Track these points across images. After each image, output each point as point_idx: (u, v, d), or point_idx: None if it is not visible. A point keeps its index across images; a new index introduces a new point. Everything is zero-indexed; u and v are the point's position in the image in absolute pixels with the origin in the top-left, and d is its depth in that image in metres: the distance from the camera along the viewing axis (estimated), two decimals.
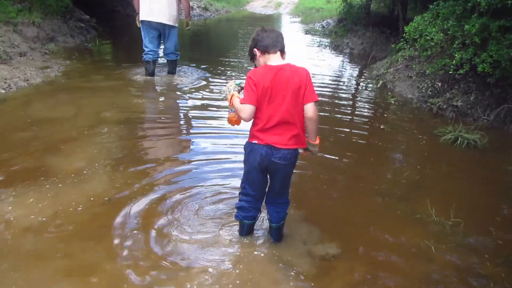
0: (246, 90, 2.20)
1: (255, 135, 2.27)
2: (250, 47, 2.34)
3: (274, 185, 2.42)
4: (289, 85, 2.20)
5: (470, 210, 3.22)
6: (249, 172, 2.37)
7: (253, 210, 2.51)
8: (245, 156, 2.37)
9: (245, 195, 2.47)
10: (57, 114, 4.38)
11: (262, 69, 2.23)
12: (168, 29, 5.85)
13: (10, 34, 6.21)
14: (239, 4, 21.88)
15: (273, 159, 2.26)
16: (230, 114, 2.38)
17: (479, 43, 4.91)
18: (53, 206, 2.76)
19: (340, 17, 13.09)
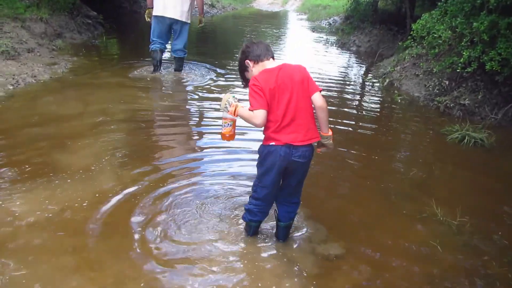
0: (253, 97, 2.18)
1: (271, 137, 2.24)
2: (241, 60, 2.36)
3: (289, 184, 2.40)
4: (294, 81, 2.21)
5: (476, 210, 3.20)
6: (264, 174, 2.33)
7: (261, 215, 2.51)
8: (260, 159, 2.34)
9: (256, 199, 2.45)
10: (64, 110, 4.40)
11: (262, 74, 2.23)
12: (181, 25, 5.88)
13: (18, 30, 6.25)
14: (246, 1, 21.87)
15: (293, 158, 2.25)
16: (226, 129, 2.34)
17: (487, 40, 4.87)
18: (61, 202, 2.78)
19: (347, 14, 13.05)
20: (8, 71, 5.06)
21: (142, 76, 6.03)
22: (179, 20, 5.80)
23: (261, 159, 2.33)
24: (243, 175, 3.39)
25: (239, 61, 2.39)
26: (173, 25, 5.88)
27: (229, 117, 2.30)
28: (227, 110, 2.28)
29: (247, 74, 2.38)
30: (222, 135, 2.38)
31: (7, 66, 5.18)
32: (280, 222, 2.55)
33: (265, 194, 2.40)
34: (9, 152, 3.38)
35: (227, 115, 2.29)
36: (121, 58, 7.06)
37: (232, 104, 2.26)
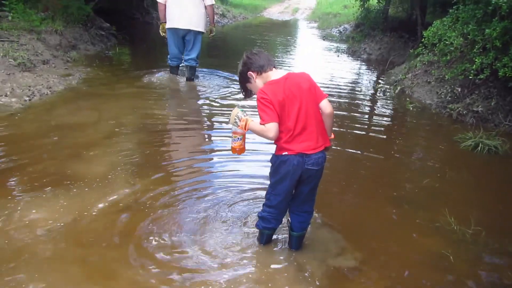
0: (264, 110, 2.16)
1: (284, 147, 2.25)
2: (242, 72, 2.34)
3: (302, 191, 2.39)
4: (302, 89, 2.22)
5: (491, 219, 3.16)
6: (278, 183, 2.34)
7: (275, 222, 2.51)
8: (273, 168, 2.35)
9: (269, 206, 2.46)
10: (79, 120, 4.48)
11: (269, 85, 2.22)
12: (194, 35, 6.02)
13: (34, 42, 6.39)
14: (256, 10, 22.03)
15: (306, 166, 2.25)
16: (237, 143, 2.34)
17: (500, 47, 4.83)
18: (74, 211, 2.82)
19: (358, 22, 13.06)
20: (24, 83, 5.16)
21: (155, 86, 6.13)
22: (192, 30, 5.93)
23: (274, 169, 2.34)
24: (257, 183, 3.40)
25: (240, 73, 2.37)
26: (186, 35, 6.02)
27: (239, 131, 2.30)
28: (236, 125, 2.26)
29: (250, 85, 2.37)
30: (232, 149, 2.38)
31: (23, 78, 5.29)
32: (292, 232, 2.55)
33: (278, 202, 2.40)
34: (25, 162, 3.44)
35: (237, 129, 2.29)
36: (133, 68, 7.16)
37: (242, 118, 2.24)
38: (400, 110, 5.97)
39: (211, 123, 4.98)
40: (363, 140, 4.69)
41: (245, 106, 4.90)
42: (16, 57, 5.55)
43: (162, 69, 6.96)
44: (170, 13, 5.88)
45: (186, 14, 5.83)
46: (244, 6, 21.25)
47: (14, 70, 5.35)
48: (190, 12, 5.84)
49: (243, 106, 2.40)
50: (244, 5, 21.55)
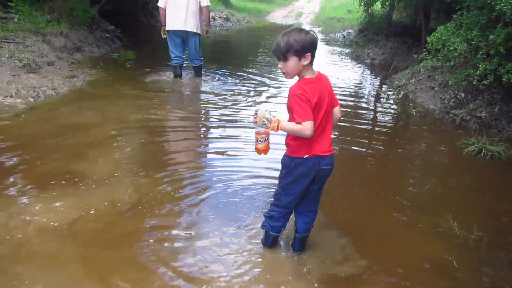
0: (301, 107, 2.10)
1: (301, 149, 2.25)
2: (303, 46, 2.10)
3: (312, 190, 2.40)
4: (327, 93, 2.23)
5: (494, 224, 3.16)
6: (291, 184, 2.34)
7: (283, 220, 2.51)
8: (287, 170, 2.33)
9: (279, 206, 2.46)
10: (83, 121, 4.51)
11: (306, 83, 2.16)
12: (191, 36, 6.30)
13: (39, 44, 6.43)
14: (260, 14, 22.09)
15: (321, 167, 2.28)
16: (263, 144, 2.29)
17: (504, 53, 4.83)
18: (77, 211, 2.84)
19: (361, 27, 13.06)
20: (29, 84, 5.20)
21: (159, 87, 6.22)
22: (189, 31, 6.21)
23: (288, 170, 2.32)
24: (262, 184, 3.42)
25: (298, 42, 2.09)
26: (184, 37, 6.32)
27: (263, 132, 2.27)
28: (266, 126, 2.19)
29: (289, 62, 2.13)
30: (257, 150, 2.34)
31: (29, 79, 5.33)
32: (297, 234, 2.55)
33: (289, 202, 2.41)
34: (30, 162, 3.47)
35: (261, 130, 2.25)
36: (138, 70, 7.21)
37: (272, 120, 2.16)
38: (403, 115, 5.97)
39: (215, 123, 5.03)
40: (366, 144, 4.69)
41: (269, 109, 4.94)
42: (21, 59, 5.60)
43: (166, 70, 7.09)
44: (168, 16, 6.17)
45: (182, 16, 6.10)
46: (248, 10, 21.31)
47: (20, 72, 5.39)
48: (185, 14, 6.10)
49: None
50: (248, 9, 21.61)
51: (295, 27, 2.21)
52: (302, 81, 2.18)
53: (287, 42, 2.10)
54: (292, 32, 2.14)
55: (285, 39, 2.11)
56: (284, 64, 2.16)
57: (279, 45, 2.13)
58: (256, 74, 7.68)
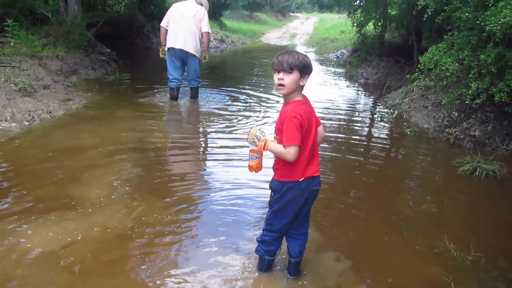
0: (292, 131, 2.11)
1: (294, 174, 2.25)
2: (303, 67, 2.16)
3: (302, 212, 2.39)
4: (313, 116, 2.26)
5: (491, 244, 3.14)
6: (282, 208, 2.33)
7: (276, 244, 2.49)
8: (278, 195, 2.31)
9: (271, 231, 2.44)
10: (78, 144, 4.50)
11: (301, 106, 2.19)
12: (190, 57, 6.41)
13: (35, 67, 6.46)
14: (255, 35, 22.39)
15: (312, 188, 2.30)
16: (255, 162, 2.31)
17: (495, 72, 4.90)
18: (67, 237, 2.80)
19: (354, 47, 13.25)
20: (24, 108, 5.21)
21: (155, 109, 6.24)
22: (189, 52, 6.31)
23: (279, 195, 2.31)
24: (254, 206, 3.40)
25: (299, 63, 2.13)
26: (183, 57, 6.40)
27: (256, 150, 2.29)
28: (255, 144, 2.25)
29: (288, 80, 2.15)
30: (249, 167, 2.36)
31: (24, 103, 5.33)
32: (291, 258, 2.53)
33: (282, 226, 2.40)
34: (23, 187, 3.44)
35: (255, 148, 2.28)
36: (133, 92, 7.26)
37: (261, 138, 2.22)
38: (397, 134, 6.00)
39: (210, 145, 5.05)
40: (360, 164, 4.70)
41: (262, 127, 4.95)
42: (17, 82, 5.61)
43: (162, 91, 7.17)
44: (169, 35, 6.31)
45: (182, 36, 6.23)
46: (243, 32, 21.63)
47: (15, 95, 5.40)
48: (186, 35, 6.24)
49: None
50: (243, 31, 21.94)
51: (289, 51, 2.24)
52: (294, 103, 2.20)
53: (297, 57, 2.15)
54: (298, 52, 2.23)
55: (294, 54, 2.17)
56: (287, 76, 2.15)
57: (287, 58, 2.15)
58: (251, 93, 7.73)
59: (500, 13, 4.61)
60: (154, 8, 14.73)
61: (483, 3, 5.12)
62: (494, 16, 4.66)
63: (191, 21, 6.26)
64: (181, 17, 6.26)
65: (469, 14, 5.20)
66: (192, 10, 6.32)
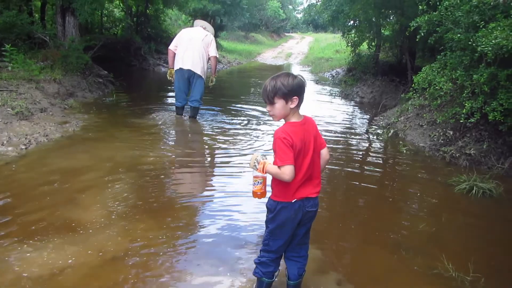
0: (283, 151, 2.13)
1: (287, 194, 2.25)
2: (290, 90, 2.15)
3: (298, 234, 2.39)
4: (312, 137, 2.26)
5: (490, 264, 3.13)
6: (277, 228, 2.33)
7: (274, 265, 2.47)
8: (272, 214, 2.32)
9: (268, 252, 2.43)
10: (75, 167, 4.50)
11: (291, 127, 2.20)
12: (197, 78, 6.67)
13: (32, 91, 6.50)
14: (250, 55, 22.63)
15: (307, 209, 2.28)
16: (257, 187, 2.33)
17: (488, 92, 4.97)
18: (59, 261, 2.78)
19: (349, 66, 13.43)
20: (21, 131, 5.21)
21: (152, 130, 6.28)
22: (195, 72, 6.57)
23: (273, 215, 2.32)
24: (252, 228, 3.39)
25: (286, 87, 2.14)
26: (190, 77, 6.65)
27: (259, 175, 2.31)
28: (255, 168, 2.27)
29: (276, 105, 2.18)
30: (253, 193, 2.38)
31: (21, 127, 5.34)
32: (290, 281, 2.51)
33: (278, 247, 2.38)
34: (19, 212, 3.42)
35: (257, 173, 2.30)
36: (130, 113, 7.30)
37: (260, 161, 2.25)
38: (393, 153, 6.03)
39: (208, 165, 5.07)
40: (356, 183, 4.70)
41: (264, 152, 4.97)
42: (14, 106, 5.63)
43: (158, 112, 7.29)
44: (177, 57, 6.61)
45: (191, 58, 6.51)
46: (239, 52, 21.88)
47: (12, 119, 5.41)
48: (194, 57, 6.54)
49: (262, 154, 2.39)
50: (239, 51, 22.19)
51: (283, 72, 2.25)
52: (287, 124, 2.22)
53: (274, 85, 2.16)
54: (280, 76, 2.20)
55: (272, 83, 2.18)
56: (272, 107, 2.21)
57: (267, 89, 2.19)
58: (249, 112, 7.78)
59: (491, 34, 4.70)
60: (150, 31, 14.91)
61: (474, 24, 5.23)
62: (485, 37, 4.75)
63: (199, 44, 6.57)
64: (190, 40, 6.57)
65: (460, 35, 5.31)
66: (201, 35, 6.66)
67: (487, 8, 5.10)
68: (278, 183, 2.24)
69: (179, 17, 19.70)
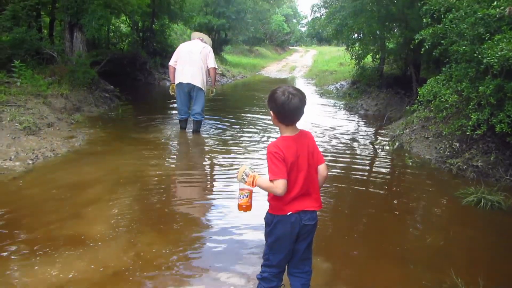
0: (275, 165, 2.15)
1: (282, 208, 2.25)
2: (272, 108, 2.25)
3: (299, 249, 2.37)
4: (308, 152, 2.26)
5: (499, 279, 3.09)
6: (275, 242, 2.33)
7: (276, 280, 2.46)
8: (269, 228, 2.33)
9: (269, 266, 2.42)
10: (81, 181, 4.53)
11: (283, 141, 2.22)
12: (197, 91, 6.73)
13: (40, 106, 6.56)
14: (255, 69, 22.75)
15: (303, 222, 2.27)
16: (243, 200, 2.34)
17: (495, 103, 4.94)
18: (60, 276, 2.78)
19: (354, 79, 13.44)
20: (28, 146, 5.25)
21: (157, 143, 6.33)
22: (195, 85, 6.63)
23: (270, 228, 2.32)
24: (255, 242, 3.36)
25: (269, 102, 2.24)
26: (190, 91, 6.72)
27: (246, 188, 2.31)
28: (244, 181, 2.28)
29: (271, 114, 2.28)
30: (238, 206, 2.37)
31: (28, 141, 5.38)
32: None
33: (279, 261, 2.37)
34: (25, 226, 3.43)
35: (244, 186, 2.30)
36: (136, 127, 7.37)
37: (249, 175, 2.25)
38: (399, 166, 6.01)
39: (213, 178, 5.10)
40: (362, 196, 4.68)
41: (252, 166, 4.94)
42: (22, 121, 5.69)
43: (164, 126, 7.41)
44: (177, 72, 6.70)
45: (190, 72, 6.59)
46: (243, 65, 22.01)
47: (20, 134, 5.46)
48: (193, 70, 6.61)
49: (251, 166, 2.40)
50: (243, 64, 22.33)
51: (283, 87, 2.23)
52: (279, 139, 2.26)
53: (269, 99, 2.26)
54: (277, 90, 2.23)
55: (270, 95, 2.26)
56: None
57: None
58: (253, 127, 7.80)
59: (496, 46, 4.70)
60: (156, 45, 15.05)
61: (479, 36, 5.23)
62: (491, 49, 4.75)
63: (197, 57, 6.64)
64: (188, 54, 6.65)
65: (466, 47, 5.31)
66: (198, 48, 6.74)
67: (493, 20, 5.11)
68: (274, 196, 2.25)
69: (184, 31, 19.90)
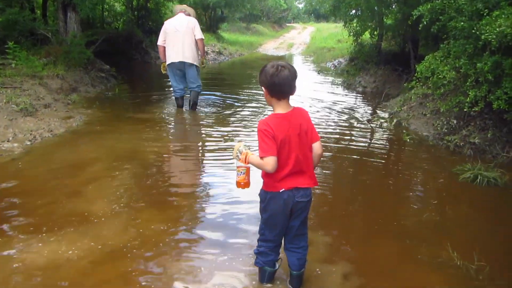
0: (265, 142, 2.17)
1: (274, 185, 2.28)
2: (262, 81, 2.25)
3: (293, 226, 2.41)
4: (301, 130, 2.26)
5: (495, 252, 3.15)
6: (270, 218, 2.37)
7: (273, 254, 2.52)
8: (263, 204, 2.38)
9: (265, 241, 2.48)
10: (79, 160, 4.57)
11: (275, 119, 2.23)
12: (188, 66, 6.75)
13: (36, 87, 6.52)
14: (252, 47, 22.54)
15: (296, 199, 2.30)
16: (240, 177, 2.36)
17: (492, 80, 4.93)
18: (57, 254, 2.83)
19: (352, 56, 13.33)
20: (26, 128, 5.25)
21: (154, 122, 6.35)
22: (186, 62, 6.65)
23: (264, 205, 2.37)
24: (254, 219, 3.40)
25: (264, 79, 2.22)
26: (183, 68, 6.74)
27: (242, 165, 2.34)
28: (238, 158, 2.32)
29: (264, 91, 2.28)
30: (237, 183, 2.41)
31: (25, 123, 5.38)
32: (292, 271, 2.54)
33: (274, 235, 2.43)
34: (25, 206, 3.47)
35: (240, 164, 2.33)
36: (132, 106, 7.39)
37: (242, 152, 2.30)
38: (397, 142, 6.03)
39: (211, 156, 5.14)
40: (361, 172, 4.72)
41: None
42: (18, 103, 5.66)
43: (161, 104, 7.42)
44: (167, 51, 6.69)
45: (181, 50, 6.61)
46: (240, 43, 21.80)
47: (17, 116, 5.45)
48: (182, 48, 6.61)
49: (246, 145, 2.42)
50: (240, 42, 22.10)
51: (275, 62, 2.23)
52: (270, 116, 2.27)
53: (260, 74, 2.26)
54: (267, 66, 2.24)
55: (261, 71, 2.26)
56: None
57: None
58: (249, 104, 7.78)
59: (495, 22, 4.66)
60: (152, 24, 14.86)
61: (477, 12, 5.18)
62: (489, 25, 4.71)
63: (185, 32, 6.61)
64: (175, 32, 6.62)
65: (464, 23, 5.26)
66: (184, 22, 6.68)
67: None
68: (266, 173, 2.28)
69: None
